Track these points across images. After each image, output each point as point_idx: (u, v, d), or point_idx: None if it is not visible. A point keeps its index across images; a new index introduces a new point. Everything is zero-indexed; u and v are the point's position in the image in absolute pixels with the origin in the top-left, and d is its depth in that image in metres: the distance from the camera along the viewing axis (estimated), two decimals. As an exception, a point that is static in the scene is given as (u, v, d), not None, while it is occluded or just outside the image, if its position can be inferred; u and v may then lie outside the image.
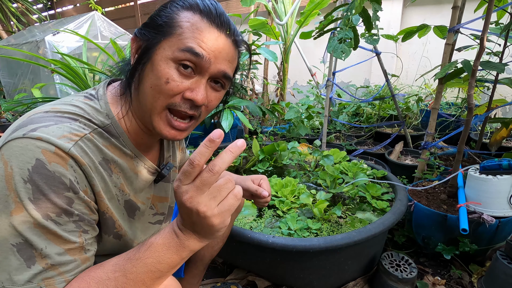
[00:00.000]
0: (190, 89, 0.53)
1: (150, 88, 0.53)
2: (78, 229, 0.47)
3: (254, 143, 1.82)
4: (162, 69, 0.51)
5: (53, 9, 6.22)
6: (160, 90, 0.52)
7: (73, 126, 0.49)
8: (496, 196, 1.14)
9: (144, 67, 0.53)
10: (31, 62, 2.07)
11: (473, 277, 1.19)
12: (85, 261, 0.48)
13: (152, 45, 0.53)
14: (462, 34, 1.46)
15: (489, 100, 1.55)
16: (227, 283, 1.18)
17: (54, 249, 0.44)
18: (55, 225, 0.44)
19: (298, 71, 3.78)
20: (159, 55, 0.52)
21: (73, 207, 0.46)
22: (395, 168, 1.85)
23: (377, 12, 1.32)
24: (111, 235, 0.57)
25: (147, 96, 0.53)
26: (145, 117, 0.56)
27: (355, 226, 1.18)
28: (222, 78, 0.56)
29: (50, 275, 0.44)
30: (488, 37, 1.36)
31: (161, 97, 0.52)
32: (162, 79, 0.51)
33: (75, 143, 0.47)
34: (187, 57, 0.51)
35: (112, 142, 0.55)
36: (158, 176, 0.68)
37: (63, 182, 0.45)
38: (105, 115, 0.55)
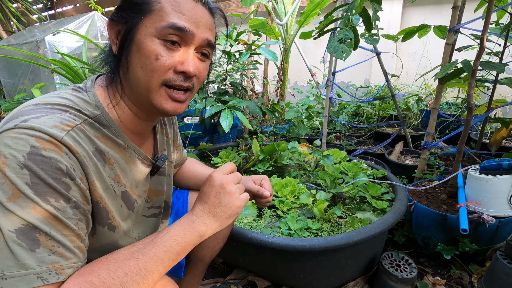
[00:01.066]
0: (180, 61, 0.54)
1: (141, 69, 0.53)
2: (75, 216, 0.47)
3: (254, 143, 1.82)
4: (149, 47, 0.51)
5: (53, 9, 6.21)
6: (152, 69, 0.52)
7: (64, 116, 0.49)
8: (496, 196, 1.14)
9: (130, 49, 0.53)
10: (31, 62, 2.07)
11: (473, 277, 1.19)
12: (82, 250, 0.48)
13: (132, 25, 0.52)
14: (462, 34, 1.46)
15: (489, 100, 1.55)
16: (227, 283, 1.18)
17: (57, 234, 0.44)
18: (55, 210, 0.44)
19: (298, 71, 3.78)
20: (142, 34, 0.52)
21: (70, 193, 0.46)
22: (395, 168, 1.85)
23: (377, 12, 1.32)
24: (105, 226, 0.57)
25: (140, 77, 0.53)
26: (142, 99, 0.56)
27: (355, 226, 1.18)
28: (206, 47, 0.57)
29: (58, 259, 0.43)
30: (488, 37, 1.36)
31: (155, 75, 0.53)
32: (151, 57, 0.51)
33: (67, 133, 0.47)
34: (171, 32, 0.52)
35: (103, 133, 0.55)
36: (153, 167, 0.67)
37: (60, 167, 0.45)
38: (94, 106, 0.54)
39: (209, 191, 0.57)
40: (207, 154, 1.96)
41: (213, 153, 1.98)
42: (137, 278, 0.47)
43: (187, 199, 0.90)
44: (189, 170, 0.95)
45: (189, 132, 2.08)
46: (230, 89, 2.19)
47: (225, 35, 0.70)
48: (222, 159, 1.82)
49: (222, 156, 1.83)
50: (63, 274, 0.43)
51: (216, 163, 1.80)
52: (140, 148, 0.64)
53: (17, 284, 0.40)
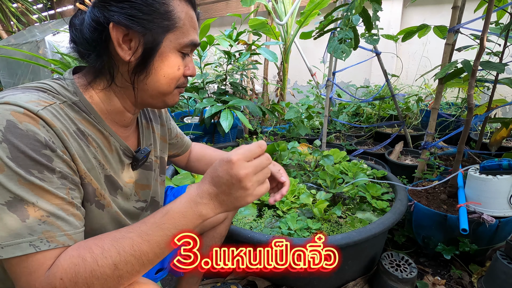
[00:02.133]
0: (186, 67, 0.61)
1: (163, 77, 0.58)
2: (64, 186, 0.47)
3: (254, 143, 1.82)
4: (173, 60, 0.57)
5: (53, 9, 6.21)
6: (173, 77, 0.59)
7: (41, 95, 0.50)
8: (496, 196, 1.14)
9: (152, 60, 0.56)
10: (31, 62, 2.07)
11: (473, 277, 1.19)
12: (79, 218, 0.49)
13: (158, 40, 0.55)
14: (462, 34, 1.46)
15: (489, 100, 1.55)
16: (227, 283, 1.18)
17: (45, 204, 0.44)
18: (40, 181, 0.44)
19: (298, 71, 3.78)
20: (167, 48, 0.56)
21: (53, 164, 0.46)
22: (395, 168, 1.85)
23: (377, 12, 1.32)
24: (92, 203, 0.56)
25: (161, 84, 0.58)
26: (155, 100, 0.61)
27: (355, 226, 1.18)
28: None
29: (49, 228, 0.44)
30: (488, 37, 1.36)
31: (174, 81, 0.60)
32: (175, 68, 0.58)
33: (44, 108, 0.48)
34: (191, 48, 0.60)
35: (84, 117, 0.55)
36: (133, 160, 0.67)
37: (38, 139, 0.45)
38: (72, 92, 0.55)
39: (224, 177, 0.50)
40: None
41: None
42: (132, 259, 0.46)
43: None
44: (202, 154, 0.97)
45: (189, 132, 2.08)
46: (230, 89, 2.19)
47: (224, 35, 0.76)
48: (222, 159, 1.82)
49: (222, 156, 1.83)
50: (55, 242, 0.44)
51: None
52: (126, 140, 0.65)
53: (13, 251, 0.42)
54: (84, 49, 0.55)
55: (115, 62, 0.56)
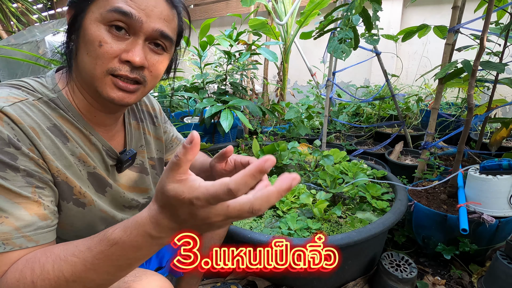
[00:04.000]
0: (126, 50, 0.51)
1: (87, 55, 0.51)
2: (30, 184, 0.46)
3: (254, 143, 1.82)
4: (93, 32, 0.50)
5: (53, 9, 6.21)
6: (96, 55, 0.50)
7: (13, 91, 0.49)
8: (496, 196, 1.14)
9: (77, 34, 0.52)
10: (31, 62, 2.07)
11: (473, 277, 1.19)
12: (44, 218, 0.46)
13: (80, 10, 0.51)
14: (462, 34, 1.46)
15: (489, 100, 1.55)
16: (227, 283, 1.18)
17: (5, 203, 0.43)
18: (2, 180, 0.43)
19: (298, 71, 3.77)
20: (88, 19, 0.50)
21: (17, 162, 0.45)
22: (395, 168, 1.85)
23: (377, 12, 1.32)
24: (70, 201, 0.54)
25: (85, 63, 0.52)
26: (89, 86, 0.54)
27: (355, 226, 1.18)
28: (160, 39, 0.54)
29: (5, 229, 0.42)
30: (488, 37, 1.36)
31: (99, 62, 0.51)
32: (95, 43, 0.50)
33: (13, 104, 0.47)
34: (116, 17, 0.49)
35: (61, 114, 0.54)
36: (117, 162, 0.64)
37: (1, 137, 0.44)
38: (50, 89, 0.54)
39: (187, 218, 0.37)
40: (207, 154, 1.96)
41: (213, 153, 1.98)
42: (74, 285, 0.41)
43: None
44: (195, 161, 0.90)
45: (189, 132, 2.08)
46: (230, 89, 2.19)
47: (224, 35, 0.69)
48: (222, 159, 1.81)
49: (222, 156, 1.83)
50: (10, 244, 0.42)
51: (216, 163, 1.80)
52: (109, 141, 0.63)
53: None
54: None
55: None
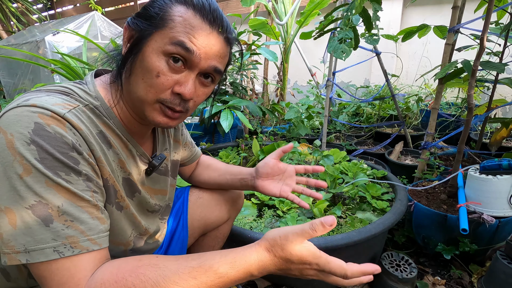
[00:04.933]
0: (179, 83, 0.54)
1: (142, 81, 0.53)
2: (89, 188, 0.48)
3: (254, 143, 1.82)
4: (153, 62, 0.51)
5: (53, 9, 6.21)
6: (151, 84, 0.52)
7: (65, 98, 0.51)
8: (496, 196, 1.14)
9: (135, 57, 0.53)
10: (31, 62, 2.07)
11: (473, 277, 1.19)
12: (103, 221, 0.49)
13: (143, 36, 0.53)
14: (462, 34, 1.46)
15: (489, 100, 1.55)
16: (227, 283, 1.18)
17: (70, 207, 0.44)
18: (67, 183, 0.45)
19: (298, 71, 3.77)
20: (150, 47, 0.52)
21: (80, 167, 0.47)
22: (395, 168, 1.85)
23: (377, 12, 1.32)
24: (113, 205, 0.57)
25: (139, 87, 0.53)
26: (136, 106, 0.56)
27: (355, 226, 1.18)
28: (213, 72, 0.57)
29: (72, 233, 0.44)
30: (488, 37, 1.36)
31: (152, 90, 0.53)
32: (153, 73, 0.52)
33: (69, 111, 0.48)
34: (177, 51, 0.51)
35: (104, 121, 0.56)
36: (149, 166, 0.67)
37: (66, 142, 0.45)
38: (94, 97, 0.55)
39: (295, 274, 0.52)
40: (207, 154, 1.95)
41: (213, 153, 1.98)
42: None
43: (188, 197, 0.90)
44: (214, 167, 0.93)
45: (189, 132, 2.08)
46: (230, 89, 2.19)
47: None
48: (222, 159, 1.82)
49: (222, 156, 1.83)
50: (78, 247, 0.44)
51: (216, 163, 1.80)
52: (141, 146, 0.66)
53: (38, 256, 0.42)
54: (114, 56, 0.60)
55: None
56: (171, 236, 0.85)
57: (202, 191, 0.92)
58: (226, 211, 0.94)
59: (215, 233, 0.96)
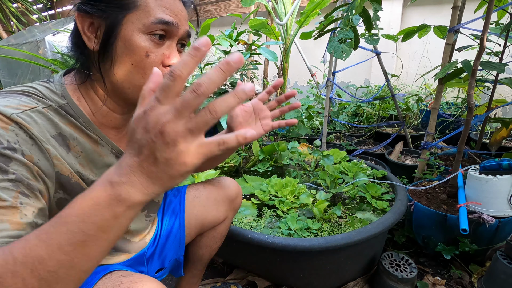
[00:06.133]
0: (167, 56, 0.55)
1: (132, 65, 0.53)
2: (15, 188, 0.43)
3: (254, 143, 1.82)
4: (138, 43, 0.52)
5: (53, 9, 6.21)
6: (144, 65, 0.53)
7: (23, 99, 0.49)
8: (496, 196, 1.14)
9: (115, 46, 0.52)
10: (31, 62, 2.07)
11: (473, 277, 1.19)
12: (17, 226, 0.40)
13: (116, 21, 0.51)
14: (462, 34, 1.46)
15: (489, 100, 1.55)
16: (227, 283, 1.18)
17: None
18: None
19: (298, 71, 3.77)
20: (129, 30, 0.52)
21: (9, 166, 0.43)
22: (395, 168, 1.85)
23: (377, 12, 1.32)
24: None
25: (131, 73, 0.53)
26: (129, 94, 0.55)
27: (355, 226, 1.18)
28: (186, 38, 0.59)
29: None
30: (488, 37, 1.36)
31: (148, 72, 0.53)
32: (142, 54, 0.52)
33: (22, 112, 0.47)
34: (159, 27, 0.52)
35: (70, 120, 0.54)
36: None
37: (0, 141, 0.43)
38: (60, 95, 0.54)
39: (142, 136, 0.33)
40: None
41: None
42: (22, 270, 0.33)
43: (184, 196, 0.90)
44: None
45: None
46: (230, 89, 2.19)
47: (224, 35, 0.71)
48: (222, 159, 1.81)
49: (222, 156, 1.83)
50: None
51: (216, 163, 1.80)
52: (119, 143, 0.64)
53: None
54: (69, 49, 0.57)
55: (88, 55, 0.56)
56: (167, 235, 0.85)
57: (199, 190, 0.92)
58: (224, 210, 0.94)
59: (212, 232, 0.96)
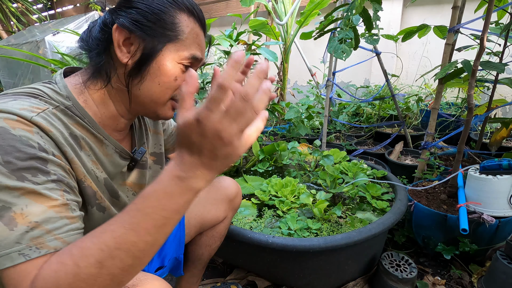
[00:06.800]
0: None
1: (158, 85, 0.58)
2: (59, 187, 0.46)
3: (254, 143, 1.82)
4: (170, 69, 0.58)
5: (53, 9, 6.21)
6: (169, 87, 0.59)
7: (33, 101, 0.50)
8: (496, 196, 1.14)
9: (149, 67, 0.57)
10: (31, 62, 2.07)
11: (473, 277, 1.19)
12: (74, 220, 0.46)
13: (158, 48, 0.57)
14: (462, 34, 1.46)
15: (489, 100, 1.55)
16: (227, 283, 1.18)
17: (35, 207, 0.43)
18: (33, 184, 0.44)
19: (298, 71, 3.77)
20: (166, 57, 0.57)
21: (48, 167, 0.46)
22: (395, 168, 1.85)
23: (378, 12, 1.32)
24: (94, 206, 0.57)
25: (155, 92, 0.59)
26: (147, 109, 0.61)
27: (355, 226, 1.18)
28: None
29: (37, 234, 0.42)
30: (488, 37, 1.36)
31: (169, 92, 0.60)
32: (171, 78, 0.58)
33: (37, 114, 0.48)
34: (190, 61, 0.59)
35: (77, 121, 0.55)
36: (131, 161, 0.68)
37: (32, 145, 0.45)
38: (65, 96, 0.55)
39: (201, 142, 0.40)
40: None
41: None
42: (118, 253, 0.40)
43: None
44: None
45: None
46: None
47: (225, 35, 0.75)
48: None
49: (222, 156, 1.83)
50: (45, 247, 0.42)
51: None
52: (121, 142, 0.66)
53: (4, 262, 0.41)
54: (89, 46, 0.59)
55: (113, 63, 0.58)
56: None
57: None
58: (223, 210, 0.95)
59: (211, 232, 0.96)
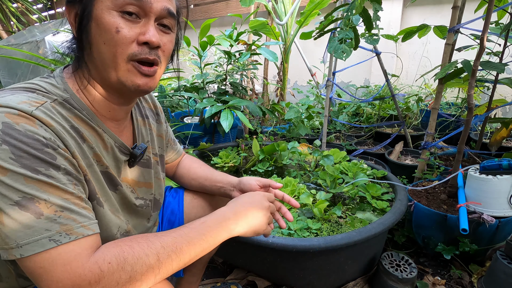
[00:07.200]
0: (142, 33, 0.53)
1: (104, 45, 0.52)
2: (70, 181, 0.47)
3: (254, 143, 1.82)
4: (108, 20, 0.50)
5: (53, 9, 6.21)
6: (115, 42, 0.51)
7: (31, 95, 0.49)
8: (496, 196, 1.14)
9: (89, 27, 0.52)
10: (31, 62, 2.07)
11: (473, 277, 1.19)
12: (90, 211, 0.49)
13: (87, 3, 0.51)
14: (462, 34, 1.46)
15: (489, 100, 1.55)
16: (227, 283, 1.18)
17: (56, 199, 0.44)
18: (48, 178, 0.44)
19: (298, 71, 3.77)
20: (99, 9, 0.51)
21: (57, 161, 0.46)
22: (395, 168, 1.85)
23: (378, 12, 1.32)
24: (94, 200, 0.56)
25: (104, 53, 0.52)
26: (110, 78, 0.54)
27: (355, 226, 1.18)
28: (168, 17, 0.56)
29: (65, 221, 0.44)
30: (488, 37, 1.36)
31: (119, 49, 0.52)
32: (112, 30, 0.51)
33: (37, 108, 0.47)
34: (127, 2, 0.51)
35: (76, 114, 0.54)
36: (130, 157, 0.66)
37: (38, 139, 0.45)
38: (62, 89, 0.55)
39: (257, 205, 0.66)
40: (207, 154, 1.96)
41: (213, 153, 1.98)
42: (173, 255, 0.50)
43: (183, 198, 0.90)
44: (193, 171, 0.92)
45: (189, 132, 2.08)
46: (230, 89, 2.19)
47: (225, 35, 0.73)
48: (222, 159, 1.82)
49: (222, 156, 1.83)
50: (74, 234, 0.44)
51: (216, 163, 1.80)
52: (119, 135, 0.64)
53: (33, 248, 0.42)
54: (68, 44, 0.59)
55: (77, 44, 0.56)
56: None
57: (197, 192, 0.92)
58: None
59: None
